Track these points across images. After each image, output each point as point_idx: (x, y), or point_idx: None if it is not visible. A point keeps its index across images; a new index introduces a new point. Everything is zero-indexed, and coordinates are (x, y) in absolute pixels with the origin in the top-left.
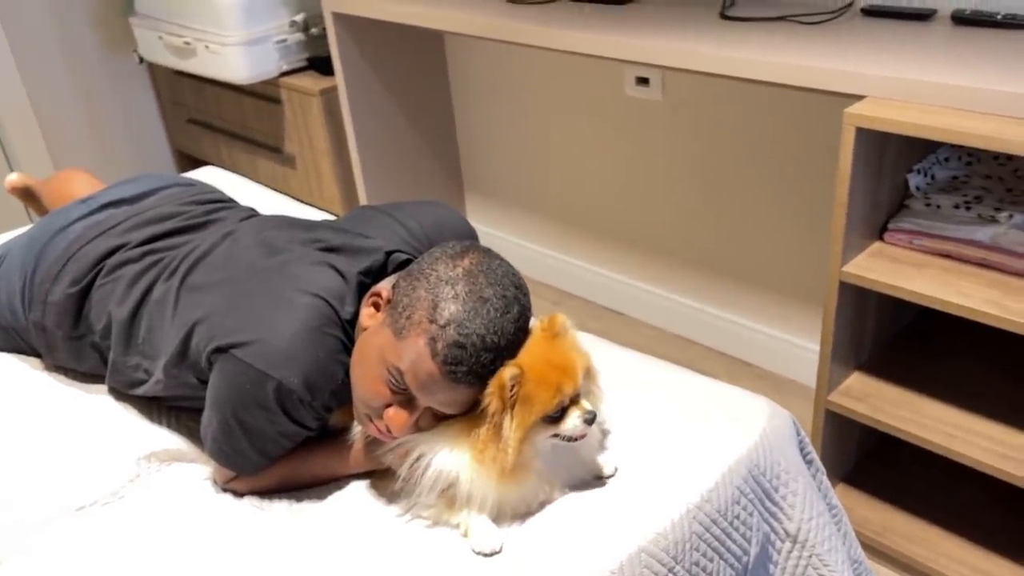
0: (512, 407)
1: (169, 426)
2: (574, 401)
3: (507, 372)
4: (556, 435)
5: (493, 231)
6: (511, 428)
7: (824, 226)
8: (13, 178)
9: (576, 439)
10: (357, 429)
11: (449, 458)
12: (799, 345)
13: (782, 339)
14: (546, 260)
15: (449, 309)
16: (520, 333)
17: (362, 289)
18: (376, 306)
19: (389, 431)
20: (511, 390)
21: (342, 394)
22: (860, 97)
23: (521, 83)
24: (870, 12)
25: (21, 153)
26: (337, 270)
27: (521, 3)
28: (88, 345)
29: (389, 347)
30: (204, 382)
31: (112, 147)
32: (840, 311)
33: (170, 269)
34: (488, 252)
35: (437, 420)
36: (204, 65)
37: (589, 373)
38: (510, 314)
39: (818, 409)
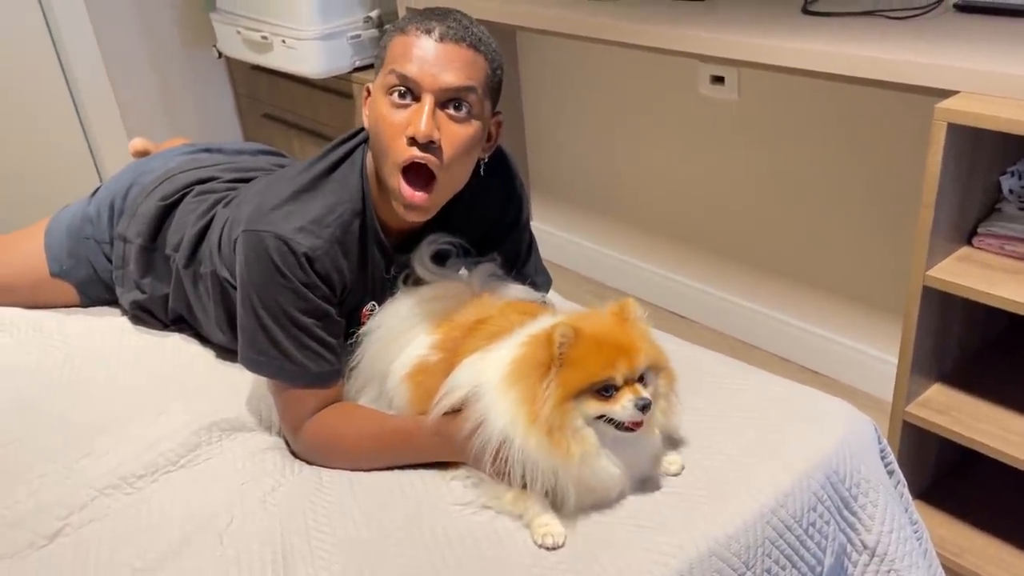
0: (559, 366)
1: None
2: (629, 384)
3: (557, 328)
4: (605, 416)
5: (560, 232)
6: (554, 385)
7: (904, 230)
8: (136, 142)
9: (629, 427)
10: (431, 416)
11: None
12: (870, 354)
13: (853, 347)
14: (612, 262)
15: (404, 16)
16: (476, 28)
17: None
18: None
19: (415, 143)
20: (559, 347)
21: (351, 271)
22: (951, 93)
23: (592, 81)
24: (963, 8)
25: (103, 142)
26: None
27: None
28: (160, 258)
29: (380, 74)
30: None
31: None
32: (922, 319)
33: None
34: None
35: (457, 125)
36: (280, 59)
37: (667, 375)
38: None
39: (895, 421)
